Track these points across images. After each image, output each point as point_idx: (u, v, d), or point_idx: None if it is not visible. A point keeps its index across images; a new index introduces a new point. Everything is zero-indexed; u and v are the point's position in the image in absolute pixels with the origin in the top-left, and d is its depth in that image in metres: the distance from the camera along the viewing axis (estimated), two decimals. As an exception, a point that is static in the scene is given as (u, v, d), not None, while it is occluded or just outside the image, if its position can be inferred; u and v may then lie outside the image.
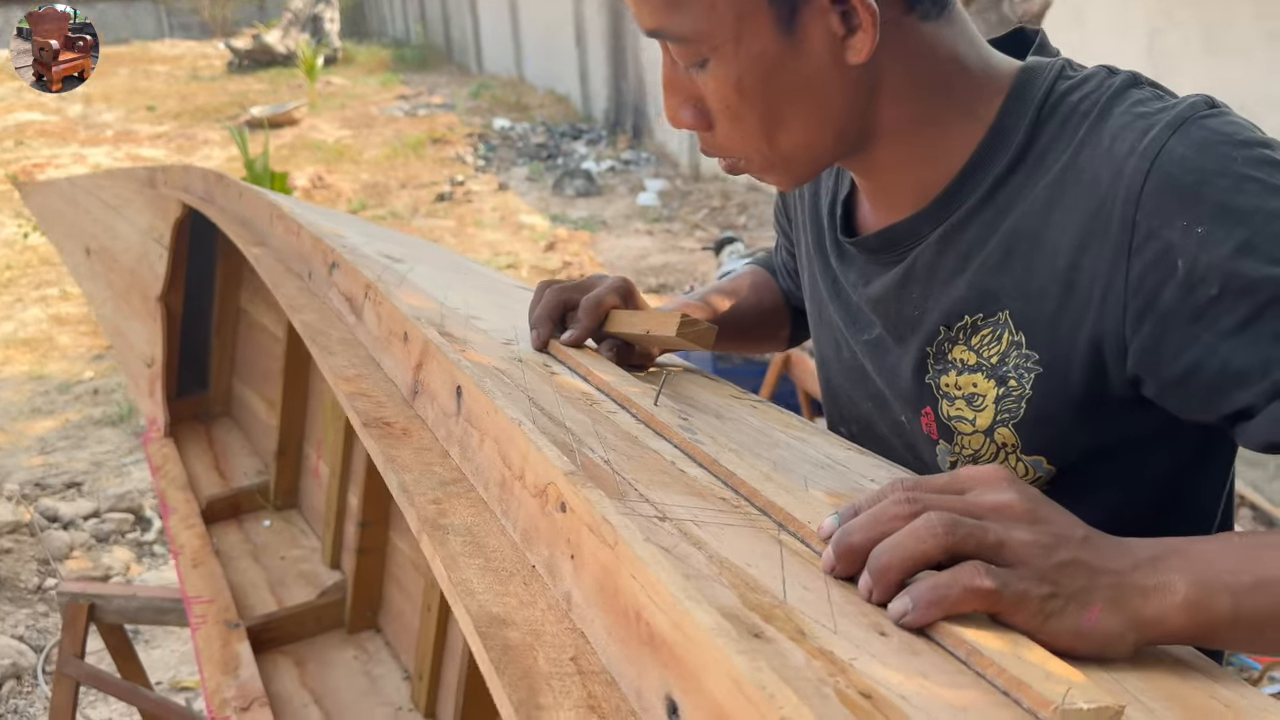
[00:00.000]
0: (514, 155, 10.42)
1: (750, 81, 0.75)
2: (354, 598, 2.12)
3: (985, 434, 0.83)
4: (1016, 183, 0.78)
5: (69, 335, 5.93)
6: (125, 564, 3.41)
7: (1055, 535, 0.57)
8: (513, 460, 0.71)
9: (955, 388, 0.84)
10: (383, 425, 0.87)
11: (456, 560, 0.64)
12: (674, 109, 0.81)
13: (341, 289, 1.23)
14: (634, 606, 0.53)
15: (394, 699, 1.94)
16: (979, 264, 0.80)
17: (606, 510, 0.58)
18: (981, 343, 0.81)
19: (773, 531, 0.66)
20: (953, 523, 0.56)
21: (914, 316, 0.85)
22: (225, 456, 2.73)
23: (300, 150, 10.67)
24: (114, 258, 3.03)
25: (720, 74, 0.76)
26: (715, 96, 0.78)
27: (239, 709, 1.78)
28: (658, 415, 0.85)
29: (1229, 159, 0.69)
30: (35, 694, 2.81)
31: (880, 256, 0.87)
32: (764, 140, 0.79)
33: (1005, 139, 0.79)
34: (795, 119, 0.77)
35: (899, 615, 0.55)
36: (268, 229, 1.70)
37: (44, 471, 4.17)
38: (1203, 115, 0.71)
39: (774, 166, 0.82)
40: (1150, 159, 0.71)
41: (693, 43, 0.75)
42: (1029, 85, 0.79)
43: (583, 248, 7.21)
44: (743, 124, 0.78)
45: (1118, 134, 0.73)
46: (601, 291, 1.03)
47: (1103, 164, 0.73)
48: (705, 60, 0.76)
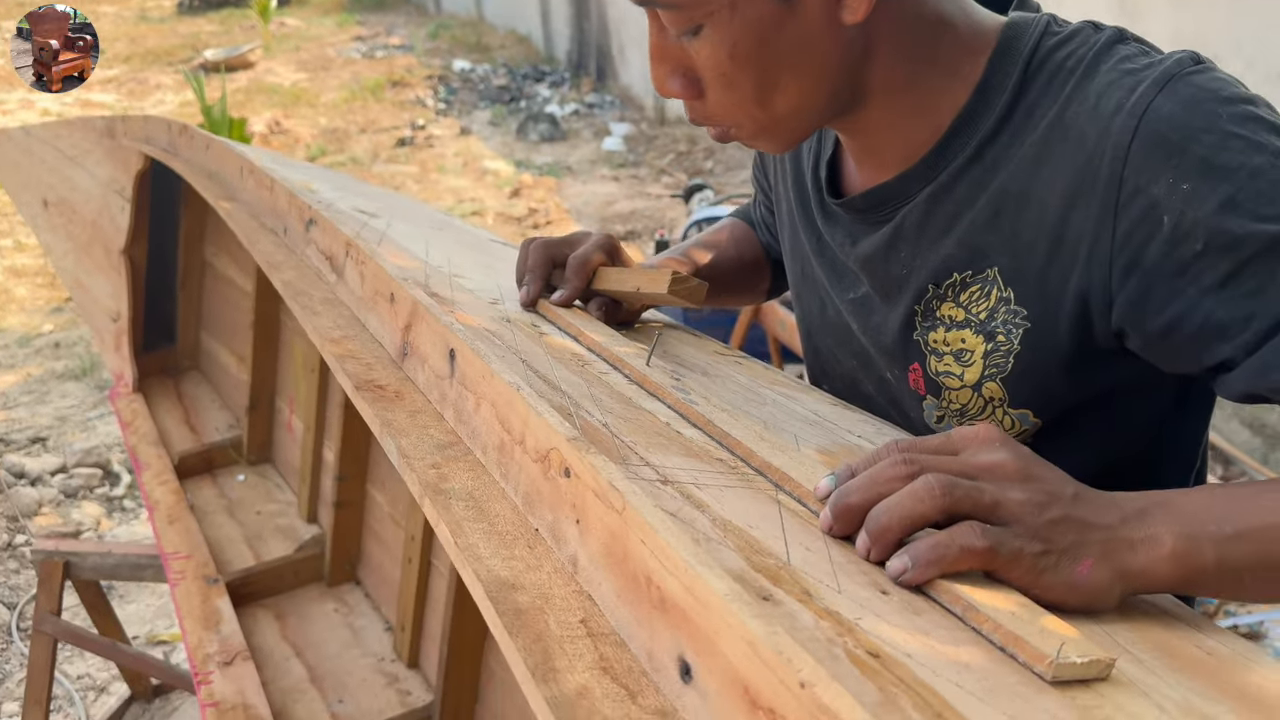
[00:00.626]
0: (475, 98, 10.26)
1: (746, 46, 0.75)
2: (333, 551, 2.13)
3: (973, 389, 0.84)
4: (1004, 140, 0.79)
5: (26, 287, 5.82)
6: (96, 519, 3.38)
7: (1047, 493, 0.59)
8: (512, 425, 0.71)
9: (944, 344, 0.85)
10: (375, 389, 0.87)
11: (461, 525, 0.65)
12: (662, 78, 0.80)
13: (320, 246, 1.22)
14: (644, 571, 0.54)
15: (377, 650, 1.96)
16: (968, 222, 0.81)
17: (613, 475, 0.59)
18: (970, 299, 0.83)
19: (770, 492, 0.67)
20: (949, 484, 0.57)
21: (902, 275, 0.86)
22: (195, 411, 2.71)
23: (256, 94, 10.45)
24: (74, 210, 2.97)
25: (715, 39, 0.75)
26: (708, 63, 0.77)
27: (222, 663, 1.79)
28: (650, 375, 0.85)
29: (1214, 115, 0.70)
30: (10, 651, 2.81)
31: (867, 216, 0.88)
32: (757, 105, 0.79)
33: (991, 97, 0.79)
34: (790, 82, 0.77)
35: (898, 573, 0.56)
36: (237, 183, 1.68)
37: (6, 427, 4.11)
38: (1189, 72, 0.72)
39: (766, 131, 0.82)
40: (1137, 116, 0.72)
41: (687, 8, 0.74)
42: (1014, 42, 0.79)
43: (548, 194, 7.15)
44: (736, 90, 0.78)
45: (1104, 91, 0.74)
46: (588, 249, 1.03)
47: (1089, 121, 0.74)
48: (699, 27, 0.75)
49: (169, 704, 2.62)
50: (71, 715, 2.62)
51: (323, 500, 2.24)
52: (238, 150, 1.67)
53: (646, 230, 6.31)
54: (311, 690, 1.85)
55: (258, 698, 1.72)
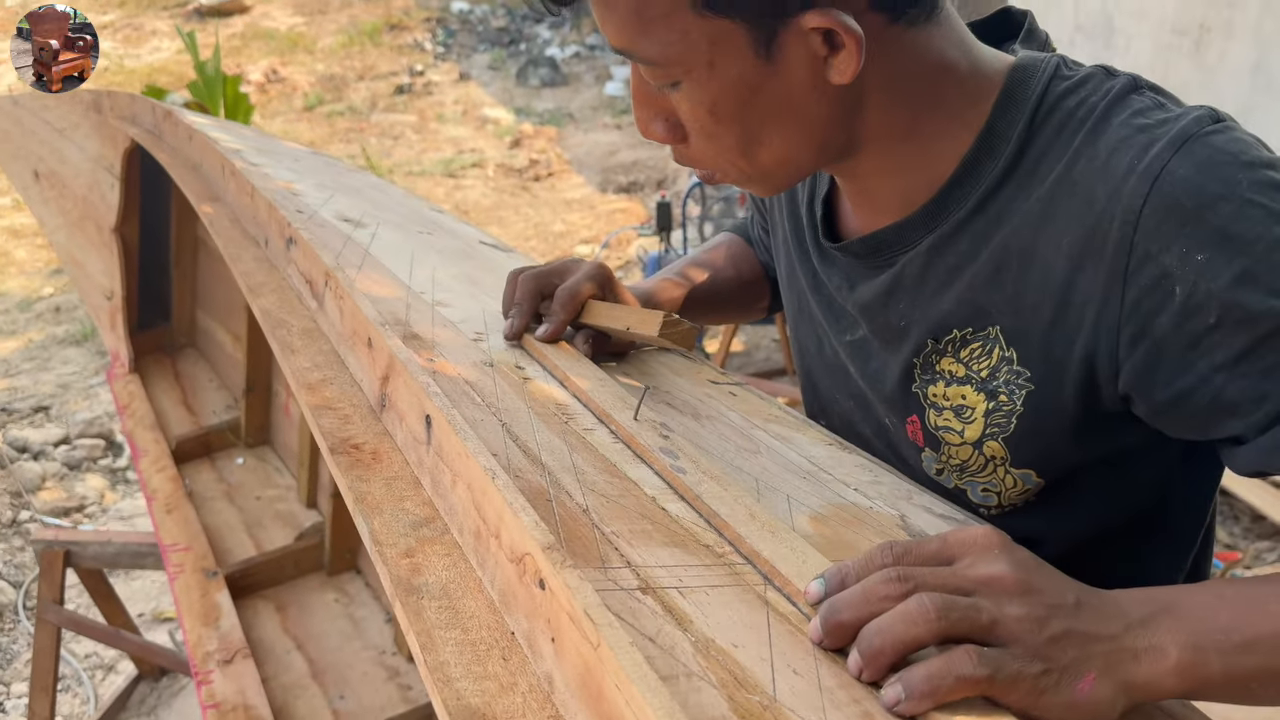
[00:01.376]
0: (474, 41, 10.09)
1: (726, 106, 0.72)
2: (333, 540, 2.11)
3: (974, 446, 0.81)
4: (1008, 193, 0.75)
5: (25, 249, 5.78)
6: (99, 492, 3.39)
7: (1048, 606, 0.56)
8: (488, 515, 0.68)
9: (943, 398, 0.81)
10: (350, 450, 0.84)
11: (433, 636, 0.62)
12: (645, 121, 0.78)
13: (301, 268, 1.18)
14: (619, 719, 0.51)
15: (377, 642, 1.95)
16: (969, 277, 0.77)
17: (588, 602, 0.56)
18: (971, 356, 0.79)
19: (759, 588, 0.64)
20: (945, 606, 0.54)
21: (901, 327, 0.82)
22: (193, 391, 2.69)
23: (252, 40, 10.28)
24: (64, 183, 2.92)
25: (694, 97, 0.72)
26: (689, 116, 0.74)
27: (222, 662, 1.78)
28: (638, 434, 0.82)
29: (1233, 182, 0.66)
30: (18, 630, 2.82)
31: (866, 262, 0.84)
32: (740, 157, 0.76)
33: (996, 145, 0.75)
34: (774, 137, 0.74)
35: (892, 703, 0.53)
36: (220, 181, 1.63)
37: (9, 395, 4.11)
38: (1207, 131, 0.68)
39: (751, 180, 0.79)
40: (1150, 180, 0.67)
41: (663, 66, 0.71)
42: (1021, 87, 0.75)
43: (549, 144, 7.05)
44: (718, 142, 0.75)
45: (1116, 147, 0.70)
46: (578, 281, 0.99)
47: (1099, 179, 0.70)
48: (677, 82, 0.72)
49: (176, 682, 2.64)
50: (80, 695, 2.64)
51: (322, 487, 2.22)
52: (219, 148, 1.62)
53: (649, 181, 6.23)
54: (313, 686, 1.85)
55: (258, 697, 1.72)
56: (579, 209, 6.14)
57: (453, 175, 6.74)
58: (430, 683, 0.58)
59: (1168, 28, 3.95)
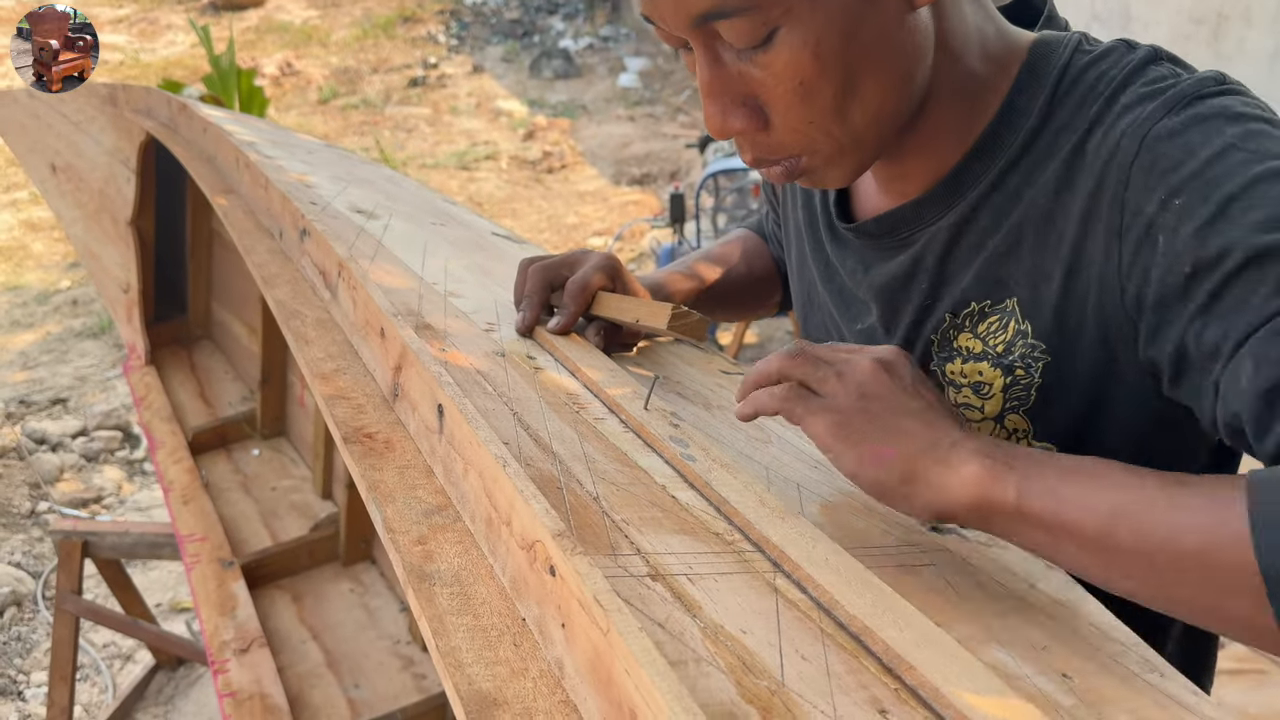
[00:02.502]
0: (488, 33, 10.09)
1: (830, 43, 0.67)
2: (347, 530, 2.13)
3: (995, 420, 0.80)
4: (1027, 165, 0.74)
5: (43, 242, 5.82)
6: (117, 484, 3.41)
7: (877, 387, 0.67)
8: (499, 503, 0.69)
9: (961, 375, 0.81)
10: (364, 439, 0.84)
11: (445, 622, 0.63)
12: (723, 113, 0.71)
13: (314, 259, 1.19)
14: (629, 703, 0.52)
15: (392, 631, 1.97)
16: (990, 250, 0.77)
17: (598, 588, 0.56)
18: (988, 330, 0.78)
19: (768, 575, 0.65)
20: (803, 359, 0.70)
21: (922, 305, 0.82)
22: (209, 383, 2.70)
23: (266, 34, 10.31)
24: (81, 176, 2.94)
25: (794, 42, 0.66)
26: (785, 73, 0.68)
27: (238, 651, 1.80)
28: (648, 423, 0.82)
29: (1217, 132, 0.65)
30: (37, 620, 2.85)
31: (882, 242, 0.84)
32: (836, 118, 0.70)
33: (1016, 119, 0.75)
34: (871, 85, 0.70)
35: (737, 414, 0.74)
36: (234, 173, 1.64)
37: (28, 388, 4.14)
38: (1207, 93, 0.67)
39: (843, 151, 0.73)
40: (1140, 136, 0.67)
41: (763, 9, 0.65)
42: (1044, 61, 0.74)
43: (562, 136, 7.05)
44: (814, 101, 0.69)
45: (1122, 113, 0.69)
46: (587, 273, 0.99)
47: (1104, 144, 0.70)
48: (773, 32, 0.66)
49: (193, 671, 2.66)
50: (99, 684, 2.66)
51: (336, 478, 2.24)
52: (234, 140, 1.63)
53: (663, 174, 6.22)
54: (328, 675, 1.86)
55: (274, 686, 1.73)
56: (592, 201, 6.14)
57: (466, 168, 6.75)
58: (442, 668, 0.59)
59: (1185, 15, 3.93)
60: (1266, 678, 2.43)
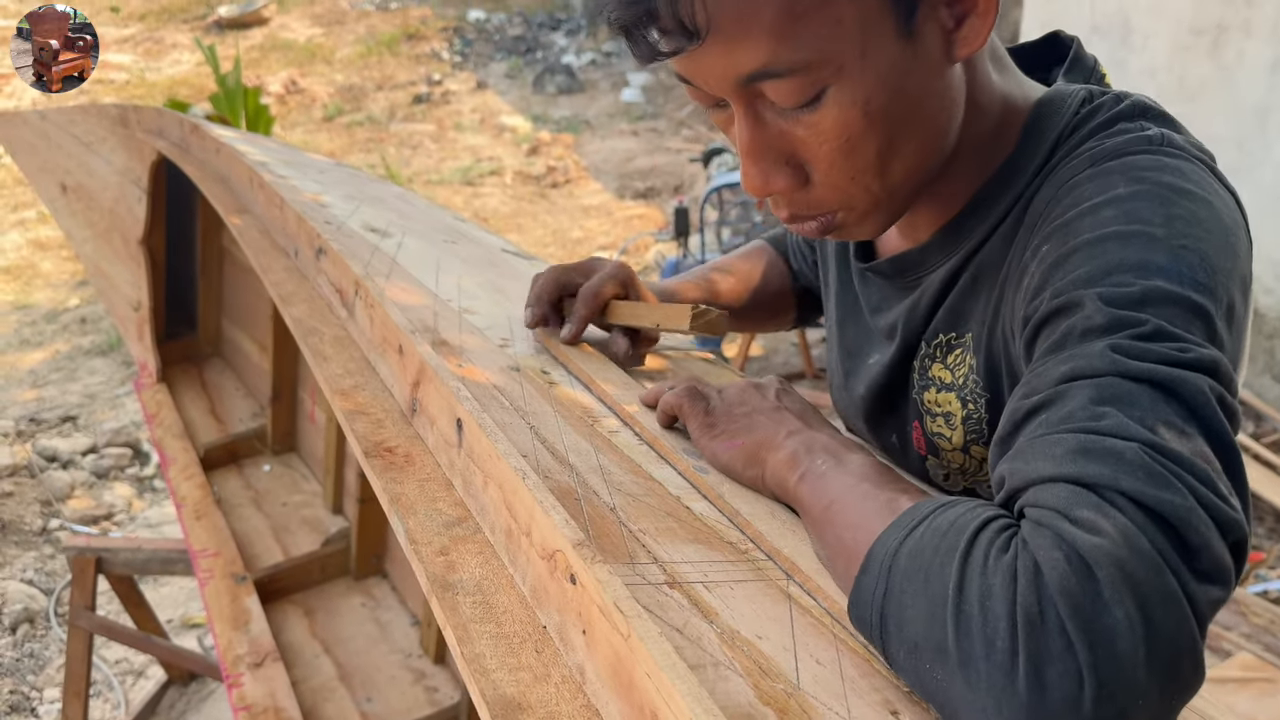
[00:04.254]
0: (491, 50, 10.15)
1: (880, 100, 0.66)
2: (359, 545, 2.15)
3: (962, 451, 0.82)
4: (1012, 220, 0.75)
5: (51, 261, 5.85)
6: (127, 500, 3.43)
7: (746, 402, 0.80)
8: (518, 513, 0.71)
9: (935, 404, 0.83)
10: (384, 453, 0.86)
11: (469, 630, 0.64)
12: (766, 174, 0.70)
13: (331, 278, 1.21)
14: (650, 706, 0.53)
15: (404, 646, 1.98)
16: (958, 287, 0.79)
17: (618, 595, 0.58)
18: (955, 362, 0.80)
19: (781, 583, 0.66)
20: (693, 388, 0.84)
21: (916, 342, 0.85)
22: (220, 399, 2.72)
23: (271, 52, 10.38)
24: (91, 196, 2.97)
25: (844, 100, 0.65)
26: (832, 133, 0.67)
27: (252, 665, 1.81)
28: (661, 436, 0.84)
29: (1109, 187, 0.64)
30: (49, 637, 2.87)
31: (895, 282, 0.86)
32: (877, 174, 0.70)
33: (1013, 178, 0.75)
34: (911, 139, 0.69)
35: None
36: (248, 193, 1.67)
37: (38, 406, 4.17)
38: (1131, 150, 0.67)
39: (878, 205, 0.73)
40: (1056, 185, 0.69)
41: (814, 69, 0.64)
42: (1046, 120, 0.74)
43: (566, 151, 7.09)
44: (858, 158, 0.69)
45: (1069, 163, 0.71)
46: (600, 280, 1.01)
47: (1040, 196, 0.71)
48: (823, 90, 0.65)
49: (205, 687, 2.67)
50: (111, 700, 2.68)
51: (347, 493, 2.26)
52: (247, 161, 1.65)
53: (667, 187, 6.26)
54: (341, 689, 1.87)
55: (288, 700, 1.74)
56: (597, 215, 6.17)
57: (471, 183, 6.79)
58: (467, 674, 0.61)
59: (1185, 27, 3.95)
60: (1274, 686, 2.44)
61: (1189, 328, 0.56)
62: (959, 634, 0.49)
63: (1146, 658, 0.46)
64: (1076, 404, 0.54)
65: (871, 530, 0.59)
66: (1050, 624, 0.47)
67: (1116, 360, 0.55)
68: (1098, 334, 0.57)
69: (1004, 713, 0.47)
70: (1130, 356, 0.55)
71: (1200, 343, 0.56)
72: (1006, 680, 0.47)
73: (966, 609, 0.49)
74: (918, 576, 0.53)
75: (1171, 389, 0.53)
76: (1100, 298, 0.58)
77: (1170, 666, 0.47)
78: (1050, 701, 0.46)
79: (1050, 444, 0.53)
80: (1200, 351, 0.55)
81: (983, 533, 0.52)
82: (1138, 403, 0.53)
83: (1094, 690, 0.46)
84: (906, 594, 0.53)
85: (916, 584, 0.53)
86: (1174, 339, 0.56)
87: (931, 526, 0.55)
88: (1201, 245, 0.60)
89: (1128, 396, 0.53)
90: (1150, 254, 0.59)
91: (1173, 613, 0.47)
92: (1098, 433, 0.52)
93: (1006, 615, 0.48)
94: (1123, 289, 0.58)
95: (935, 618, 0.51)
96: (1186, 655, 0.48)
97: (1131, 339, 0.56)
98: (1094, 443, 0.52)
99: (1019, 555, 0.49)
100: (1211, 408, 0.53)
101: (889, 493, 0.63)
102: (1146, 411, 0.52)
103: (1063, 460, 0.52)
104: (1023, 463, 0.54)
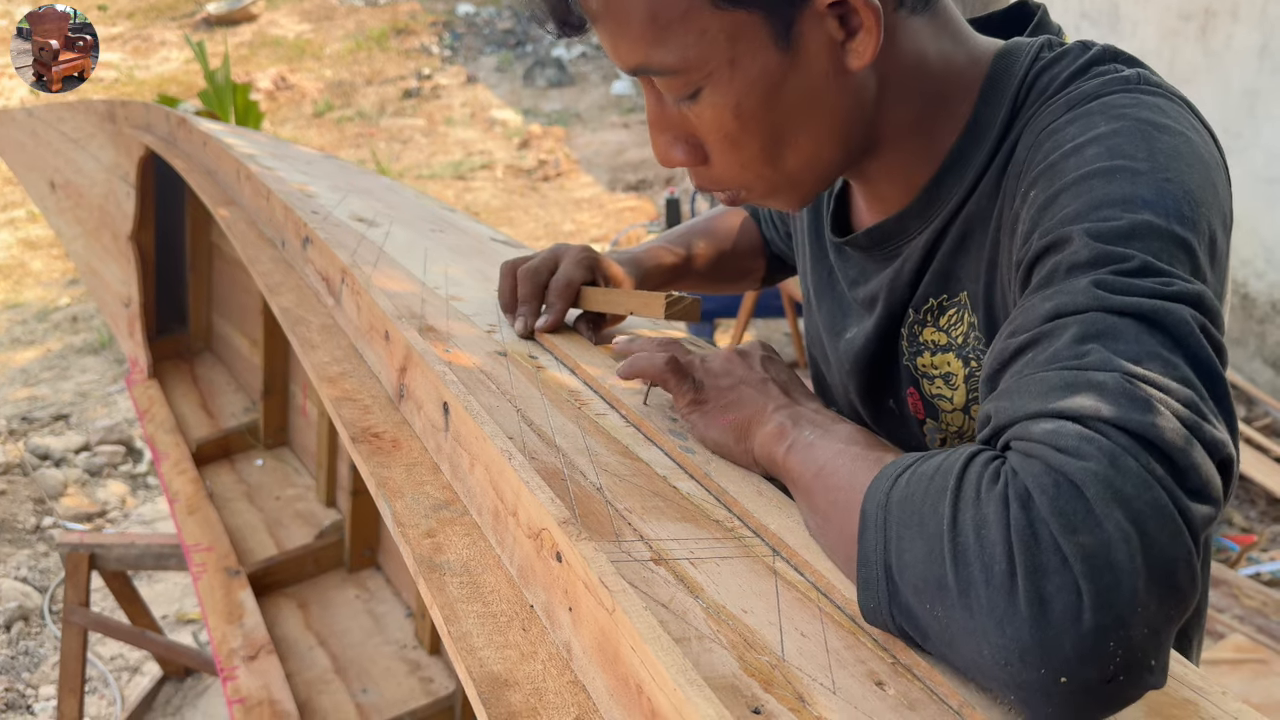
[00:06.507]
0: (481, 44, 10.12)
1: (750, 104, 0.70)
2: (352, 537, 2.15)
3: (963, 411, 0.82)
4: (993, 174, 0.76)
5: (41, 260, 5.84)
6: (120, 498, 3.43)
7: (734, 373, 0.80)
8: (505, 494, 0.71)
9: (932, 367, 0.83)
10: (371, 439, 0.86)
11: (455, 609, 0.65)
12: (665, 148, 0.76)
13: (318, 267, 1.21)
14: (635, 678, 0.54)
15: (398, 637, 1.98)
16: (945, 248, 0.79)
17: (603, 570, 0.58)
18: (949, 323, 0.81)
19: (768, 558, 0.67)
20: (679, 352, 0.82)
21: (901, 309, 0.85)
22: (211, 394, 2.72)
23: (260, 48, 10.34)
24: (80, 193, 2.96)
25: (716, 102, 0.70)
26: (711, 127, 0.72)
27: (246, 658, 1.81)
28: (648, 418, 0.84)
29: (1090, 127, 0.65)
30: (44, 634, 2.86)
31: (873, 254, 0.86)
32: (767, 165, 0.74)
33: (982, 135, 0.75)
34: (800, 137, 0.73)
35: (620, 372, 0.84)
36: (235, 185, 1.66)
37: (30, 405, 4.16)
38: (1108, 91, 0.68)
39: (779, 189, 0.77)
40: (1036, 132, 0.69)
41: (683, 73, 0.69)
42: (1004, 74, 0.75)
43: (557, 144, 7.08)
44: (743, 151, 0.73)
45: (1048, 109, 0.71)
46: (569, 269, 1.02)
47: (1022, 144, 0.72)
48: (698, 90, 0.70)
49: (200, 682, 2.67)
50: (106, 696, 2.67)
51: (340, 486, 2.25)
52: (234, 153, 1.65)
53: (657, 179, 6.25)
54: (336, 681, 1.88)
55: (283, 692, 1.75)
56: (588, 208, 6.16)
57: (462, 177, 6.78)
58: (455, 652, 0.61)
59: (1173, 12, 3.96)
60: (1267, 667, 2.45)
61: (1173, 262, 0.57)
62: (957, 565, 0.50)
63: (1143, 566, 0.47)
64: (1061, 343, 0.55)
65: (864, 488, 0.60)
66: (1044, 542, 0.48)
67: (1100, 296, 0.56)
68: (1083, 269, 0.58)
69: (1006, 632, 0.48)
70: (1114, 291, 0.56)
71: (1185, 277, 0.57)
72: (1007, 601, 0.48)
73: (962, 540, 0.50)
74: (912, 520, 0.54)
75: (1155, 320, 0.54)
76: (1087, 233, 0.59)
77: (1166, 575, 0.48)
78: (1051, 614, 0.47)
79: (1036, 382, 0.54)
80: (1184, 285, 0.56)
81: (970, 468, 0.53)
82: (1122, 336, 0.54)
83: (1092, 599, 0.46)
84: (904, 539, 0.54)
85: (912, 527, 0.54)
86: (1159, 274, 0.56)
87: (918, 472, 0.56)
88: (1184, 179, 0.61)
89: (1111, 330, 0.54)
90: (1135, 188, 0.60)
91: (1166, 525, 0.48)
92: (1082, 368, 0.53)
93: (1002, 540, 0.49)
94: (1110, 223, 0.59)
95: (933, 554, 0.52)
96: (1182, 565, 0.48)
97: (1115, 274, 0.56)
98: (1078, 378, 0.53)
99: (1009, 483, 0.50)
100: (1196, 337, 0.54)
101: (877, 453, 0.64)
102: (1131, 344, 0.53)
103: (1047, 396, 0.53)
104: (1008, 401, 0.55)
